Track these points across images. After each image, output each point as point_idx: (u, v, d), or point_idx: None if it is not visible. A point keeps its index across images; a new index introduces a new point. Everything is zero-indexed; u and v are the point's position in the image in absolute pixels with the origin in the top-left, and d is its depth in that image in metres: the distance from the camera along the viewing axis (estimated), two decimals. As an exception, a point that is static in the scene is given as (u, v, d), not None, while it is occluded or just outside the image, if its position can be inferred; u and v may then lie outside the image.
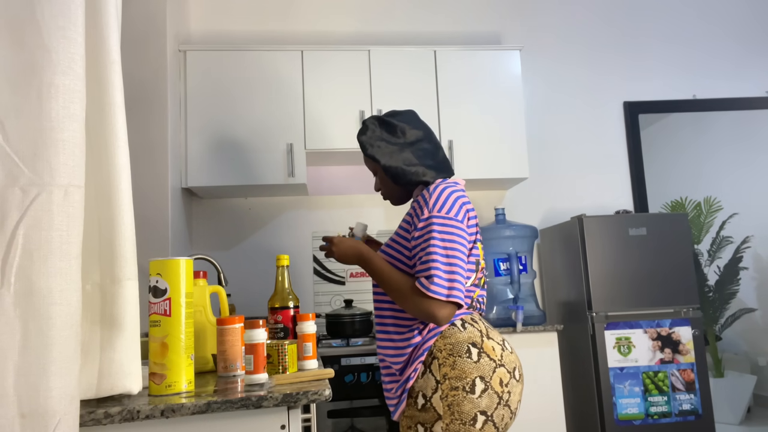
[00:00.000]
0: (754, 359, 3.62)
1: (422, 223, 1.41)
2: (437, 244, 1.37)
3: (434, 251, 1.36)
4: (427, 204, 1.42)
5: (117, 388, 1.10)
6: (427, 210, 1.42)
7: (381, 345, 1.51)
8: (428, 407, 1.35)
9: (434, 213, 1.40)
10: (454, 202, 1.43)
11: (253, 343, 1.27)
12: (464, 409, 1.33)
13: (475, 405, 1.33)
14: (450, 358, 1.37)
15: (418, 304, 1.35)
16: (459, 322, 1.43)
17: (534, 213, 3.44)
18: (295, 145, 2.90)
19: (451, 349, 1.38)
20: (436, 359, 1.38)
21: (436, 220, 1.39)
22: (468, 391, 1.34)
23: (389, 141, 1.58)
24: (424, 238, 1.39)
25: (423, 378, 1.38)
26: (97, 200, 1.12)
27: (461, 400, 1.33)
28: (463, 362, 1.36)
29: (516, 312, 2.72)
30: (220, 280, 2.46)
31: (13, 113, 0.95)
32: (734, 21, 3.79)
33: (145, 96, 2.67)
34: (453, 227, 1.39)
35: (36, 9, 0.97)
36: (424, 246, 1.38)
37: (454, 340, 1.39)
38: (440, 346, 1.39)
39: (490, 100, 3.10)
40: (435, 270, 1.34)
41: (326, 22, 3.42)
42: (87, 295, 1.10)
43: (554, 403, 2.71)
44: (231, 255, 3.17)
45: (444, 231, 1.38)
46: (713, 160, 3.68)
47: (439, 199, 1.43)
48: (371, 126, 1.61)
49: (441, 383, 1.35)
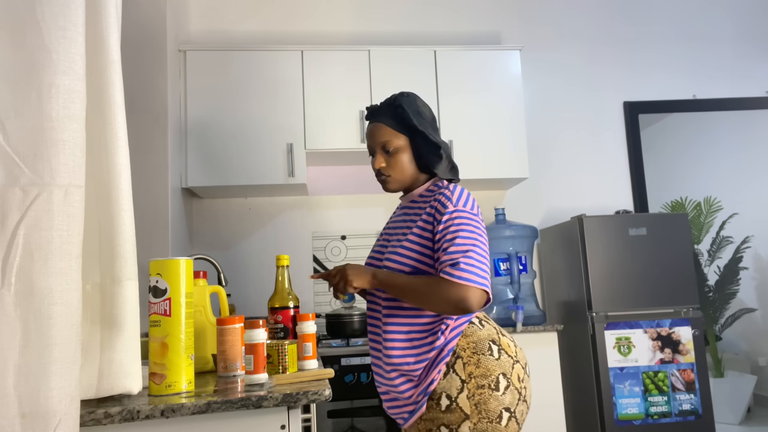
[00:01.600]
0: (754, 359, 3.62)
1: (446, 216, 1.37)
2: (464, 235, 1.34)
3: (461, 242, 1.33)
4: (450, 200, 1.40)
5: (117, 388, 1.10)
6: (451, 205, 1.39)
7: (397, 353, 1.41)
8: (454, 408, 1.33)
9: (459, 207, 1.38)
10: (474, 202, 1.43)
11: (253, 343, 1.27)
12: (490, 407, 1.32)
13: (500, 402, 1.33)
14: (474, 356, 1.36)
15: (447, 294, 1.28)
16: (476, 320, 1.42)
17: (534, 213, 3.44)
18: (295, 145, 2.90)
19: (475, 348, 1.37)
20: (460, 358, 1.36)
21: (462, 214, 1.37)
22: (493, 389, 1.33)
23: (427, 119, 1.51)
24: (449, 231, 1.36)
25: (446, 379, 1.36)
26: (97, 200, 1.12)
27: (487, 398, 1.32)
28: (486, 360, 1.36)
29: (516, 312, 2.72)
30: (220, 280, 2.46)
31: (13, 113, 0.95)
32: (734, 21, 3.79)
33: (145, 96, 2.67)
34: (478, 223, 1.38)
35: (36, 9, 0.98)
36: (450, 238, 1.35)
37: (476, 339, 1.38)
38: (463, 345, 1.38)
39: (490, 100, 3.10)
40: (463, 257, 1.31)
41: (326, 22, 3.42)
42: (87, 295, 1.10)
43: (554, 403, 2.71)
44: (231, 255, 3.17)
45: (470, 224, 1.36)
46: (713, 160, 3.68)
47: (461, 196, 1.41)
48: (411, 96, 1.51)
49: (467, 382, 1.34)
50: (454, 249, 1.32)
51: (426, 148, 1.48)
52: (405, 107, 1.47)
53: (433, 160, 1.48)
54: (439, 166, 1.49)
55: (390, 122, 1.48)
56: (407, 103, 1.48)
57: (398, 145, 1.48)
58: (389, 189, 1.53)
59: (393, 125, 1.48)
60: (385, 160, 1.50)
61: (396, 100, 1.49)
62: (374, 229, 3.29)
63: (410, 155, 1.49)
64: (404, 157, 1.49)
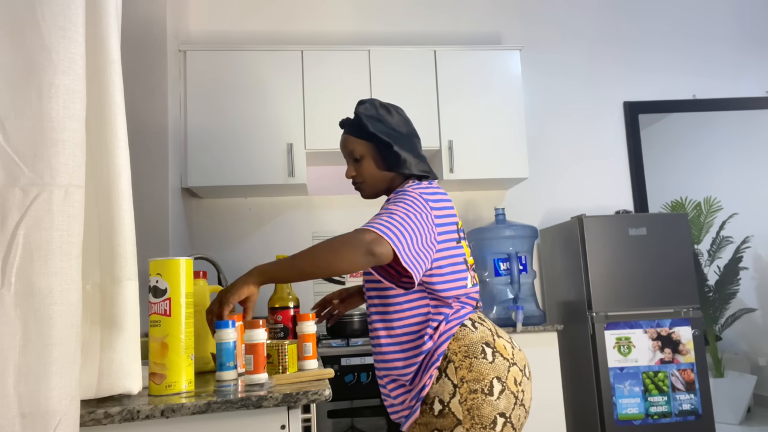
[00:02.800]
0: (754, 359, 3.62)
1: (393, 195, 1.40)
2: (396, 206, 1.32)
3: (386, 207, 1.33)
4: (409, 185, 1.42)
5: (117, 388, 1.10)
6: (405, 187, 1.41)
7: (385, 358, 1.41)
8: (446, 413, 1.30)
9: (406, 189, 1.39)
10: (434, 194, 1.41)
11: (253, 343, 1.27)
12: (484, 413, 1.29)
13: (494, 407, 1.30)
14: (466, 360, 1.33)
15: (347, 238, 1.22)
16: (469, 322, 1.39)
17: (534, 213, 3.44)
18: (295, 145, 2.90)
19: (467, 351, 1.34)
20: (452, 362, 1.34)
21: (407, 191, 1.38)
22: (487, 393, 1.30)
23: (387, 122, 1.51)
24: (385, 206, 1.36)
25: (438, 383, 1.33)
26: (97, 200, 1.12)
27: (480, 403, 1.29)
28: (479, 363, 1.33)
29: (516, 312, 2.72)
30: (220, 280, 2.46)
31: (13, 113, 0.95)
32: (734, 21, 3.79)
33: (145, 96, 2.67)
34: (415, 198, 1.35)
35: (36, 9, 0.97)
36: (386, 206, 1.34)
37: (468, 341, 1.35)
38: (455, 348, 1.35)
39: (490, 100, 3.10)
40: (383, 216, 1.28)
41: (326, 22, 3.42)
42: (87, 295, 1.10)
43: (554, 403, 2.71)
44: (231, 255, 3.17)
45: (407, 200, 1.34)
46: (713, 160, 3.68)
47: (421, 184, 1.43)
48: (369, 103, 1.53)
49: (459, 387, 1.31)
50: (382, 211, 1.32)
51: (383, 149, 1.48)
52: (360, 114, 1.50)
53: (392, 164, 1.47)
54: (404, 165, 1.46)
55: (352, 131, 1.51)
56: (363, 109, 1.51)
57: (361, 152, 1.50)
58: (365, 196, 1.55)
59: (354, 133, 1.50)
60: (355, 168, 1.52)
61: (355, 108, 1.53)
62: (374, 229, 3.28)
63: (374, 160, 1.50)
64: (369, 163, 1.50)
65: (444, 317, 1.38)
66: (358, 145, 1.50)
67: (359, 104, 1.53)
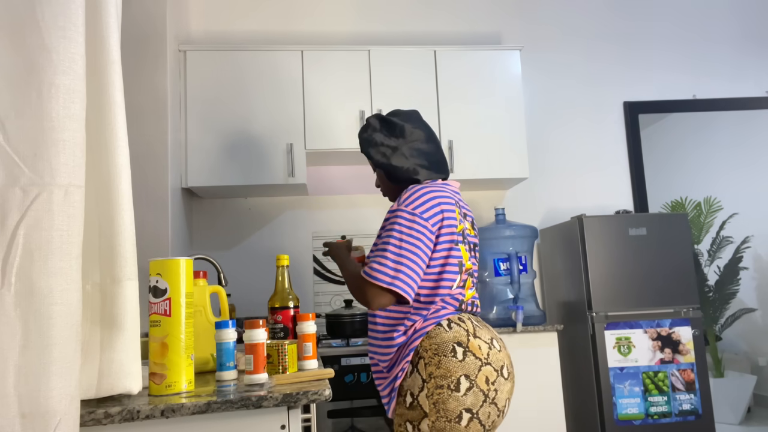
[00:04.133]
0: (754, 359, 3.62)
1: (388, 214, 1.51)
2: (394, 235, 1.45)
3: (388, 241, 1.45)
4: (399, 199, 1.52)
5: (117, 388, 1.10)
6: (396, 204, 1.51)
7: (371, 344, 1.56)
8: (415, 405, 1.39)
9: (401, 207, 1.49)
10: (427, 201, 1.49)
11: (253, 343, 1.27)
12: (449, 407, 1.36)
13: (460, 403, 1.36)
14: (435, 357, 1.40)
15: (361, 288, 1.44)
16: (445, 322, 1.46)
17: (534, 213, 3.44)
18: (295, 145, 2.90)
19: (437, 349, 1.41)
20: (422, 359, 1.42)
21: (400, 213, 1.48)
22: (453, 389, 1.36)
23: (387, 139, 1.65)
24: (384, 228, 1.49)
25: (411, 377, 1.42)
26: (97, 200, 1.12)
27: (446, 397, 1.36)
28: (448, 361, 1.39)
29: (516, 312, 2.72)
30: (220, 280, 2.46)
31: (13, 113, 0.95)
32: (734, 21, 3.79)
33: (145, 96, 2.67)
34: (416, 223, 1.46)
35: (36, 9, 0.97)
36: (381, 235, 1.48)
37: (439, 340, 1.42)
38: (426, 346, 1.43)
39: (490, 100, 3.10)
40: (381, 258, 1.43)
41: (326, 22, 3.42)
42: (87, 295, 1.10)
43: (554, 403, 2.71)
44: (231, 255, 3.17)
45: (404, 225, 1.46)
46: (713, 160, 3.68)
47: (411, 196, 1.51)
48: (372, 124, 1.68)
49: (427, 382, 1.39)
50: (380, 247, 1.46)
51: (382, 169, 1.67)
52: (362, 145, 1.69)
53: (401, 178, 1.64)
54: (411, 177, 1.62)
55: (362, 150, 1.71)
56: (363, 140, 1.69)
57: (373, 167, 1.71)
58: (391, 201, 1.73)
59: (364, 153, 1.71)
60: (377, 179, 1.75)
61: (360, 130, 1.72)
62: (374, 229, 3.28)
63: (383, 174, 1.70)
64: (381, 177, 1.71)
65: (422, 317, 1.47)
66: (369, 163, 1.72)
67: (361, 131, 1.71)
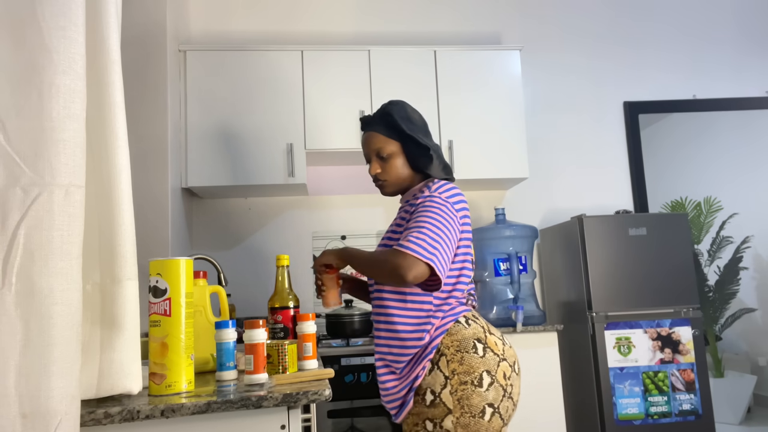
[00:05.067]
0: (754, 359, 3.62)
1: (420, 200, 1.47)
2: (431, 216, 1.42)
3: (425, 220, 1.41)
4: (429, 189, 1.50)
5: (117, 388, 1.10)
6: (428, 192, 1.48)
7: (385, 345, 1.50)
8: (437, 403, 1.38)
9: (434, 194, 1.47)
10: (456, 196, 1.51)
11: (253, 343, 1.27)
12: (473, 402, 1.37)
13: (483, 398, 1.38)
14: (458, 354, 1.41)
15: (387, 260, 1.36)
16: (463, 319, 1.47)
17: (534, 213, 3.44)
18: (295, 145, 2.90)
19: (458, 346, 1.42)
20: (444, 356, 1.42)
21: (436, 199, 1.46)
22: (476, 385, 1.38)
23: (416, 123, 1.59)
24: (418, 212, 1.45)
25: (431, 375, 1.41)
26: (97, 200, 1.12)
27: (470, 393, 1.37)
28: (470, 358, 1.40)
29: (516, 312, 2.72)
30: (220, 280, 2.46)
31: (13, 113, 0.95)
32: (735, 21, 3.79)
33: (145, 96, 2.67)
34: (446, 207, 1.45)
35: (36, 9, 0.98)
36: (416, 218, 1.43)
37: (460, 337, 1.43)
38: (447, 343, 1.43)
39: (490, 100, 3.10)
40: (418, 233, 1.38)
41: (326, 22, 3.42)
42: (87, 295, 1.10)
43: (554, 403, 2.71)
44: (231, 255, 3.17)
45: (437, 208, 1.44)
46: (713, 160, 3.68)
47: (442, 187, 1.51)
48: (399, 104, 1.60)
49: (450, 378, 1.39)
50: (413, 226, 1.41)
51: (417, 151, 1.55)
52: (394, 114, 1.55)
53: (425, 162, 1.55)
54: (431, 167, 1.56)
55: (382, 129, 1.57)
56: (396, 110, 1.57)
57: (391, 150, 1.56)
58: (386, 193, 1.63)
59: (384, 132, 1.56)
60: (380, 165, 1.58)
61: (386, 108, 1.58)
62: (374, 229, 3.29)
63: (403, 159, 1.57)
64: (398, 162, 1.57)
65: (443, 313, 1.47)
66: (388, 144, 1.56)
67: (390, 104, 1.59)
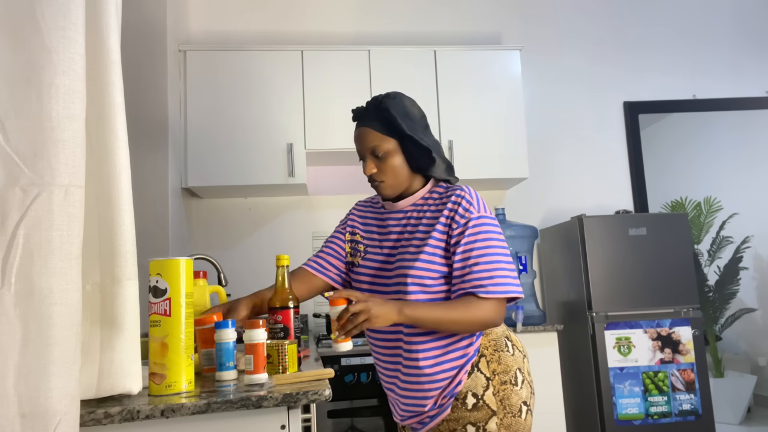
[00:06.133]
0: (754, 359, 3.62)
1: (473, 222, 1.34)
2: (495, 245, 1.34)
3: (494, 252, 1.33)
4: (472, 204, 1.36)
5: (117, 388, 1.10)
6: (475, 211, 1.35)
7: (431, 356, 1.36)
8: (481, 405, 1.34)
9: (484, 215, 1.36)
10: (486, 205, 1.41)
11: (253, 343, 1.27)
12: (513, 402, 1.35)
13: (519, 397, 1.36)
14: (495, 353, 1.38)
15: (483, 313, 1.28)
16: None
17: (534, 213, 3.43)
18: (295, 145, 2.90)
19: (495, 345, 1.39)
20: (484, 357, 1.38)
21: (486, 220, 1.36)
22: (513, 384, 1.37)
23: (417, 120, 1.43)
24: (478, 239, 1.33)
25: (470, 378, 1.36)
26: (97, 200, 1.12)
27: (510, 393, 1.35)
28: (505, 356, 1.39)
29: (516, 312, 2.72)
30: (220, 280, 2.46)
31: (13, 113, 0.95)
32: (734, 21, 3.79)
33: (145, 96, 2.67)
34: (500, 228, 1.39)
35: (36, 9, 0.97)
36: (481, 248, 1.32)
37: (494, 336, 1.41)
38: (485, 344, 1.39)
39: (490, 100, 3.10)
40: (500, 270, 1.31)
41: (326, 22, 3.42)
42: (87, 295, 1.10)
43: (554, 403, 2.71)
44: (231, 255, 3.16)
45: (496, 232, 1.36)
46: (713, 160, 3.68)
47: (479, 201, 1.39)
48: (397, 97, 1.42)
49: (491, 379, 1.36)
50: (489, 260, 1.31)
51: (417, 152, 1.40)
52: (392, 111, 1.39)
53: (426, 164, 1.42)
54: (433, 168, 1.43)
55: (377, 126, 1.39)
56: (393, 105, 1.40)
57: (388, 149, 1.40)
58: (385, 195, 1.46)
59: (381, 129, 1.39)
60: (376, 165, 1.42)
61: (382, 103, 1.41)
62: (374, 229, 3.28)
63: (402, 158, 1.41)
64: (396, 161, 1.41)
65: None
66: (385, 142, 1.39)
67: (387, 98, 1.42)
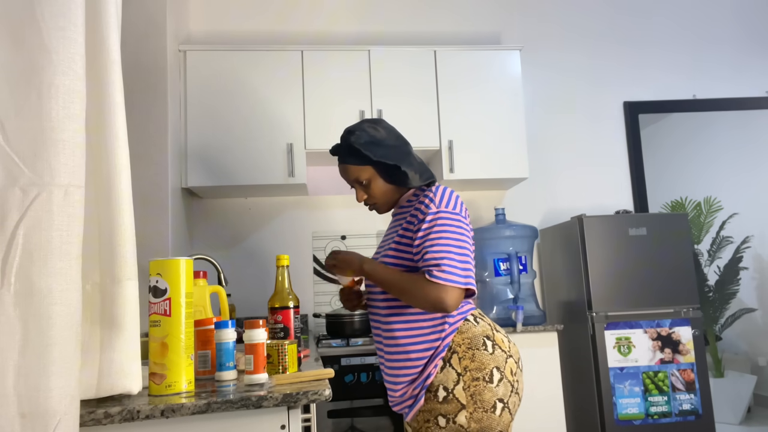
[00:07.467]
0: (754, 359, 3.62)
1: (430, 216, 1.45)
2: (448, 236, 1.42)
3: (445, 242, 1.41)
4: (433, 201, 1.47)
5: (117, 388, 1.10)
6: (434, 206, 1.46)
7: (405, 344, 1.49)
8: (450, 399, 1.42)
9: (441, 209, 1.46)
10: (457, 201, 1.50)
11: (253, 343, 1.27)
12: (485, 398, 1.41)
13: (494, 393, 1.42)
14: (469, 351, 1.45)
15: (427, 294, 1.37)
16: (471, 317, 1.50)
17: (534, 213, 3.43)
18: (295, 145, 2.90)
19: (470, 343, 1.46)
20: (456, 353, 1.45)
21: (444, 215, 1.45)
22: (487, 381, 1.42)
23: (381, 140, 1.56)
24: (432, 231, 1.43)
25: (443, 372, 1.44)
26: (97, 200, 1.12)
27: (482, 389, 1.42)
28: (481, 354, 1.44)
29: (516, 312, 2.72)
30: (220, 280, 2.46)
31: (13, 113, 0.95)
32: (735, 21, 3.79)
33: (144, 96, 2.67)
34: (459, 221, 1.46)
35: (36, 9, 0.97)
36: (434, 238, 1.42)
37: (470, 335, 1.47)
38: (458, 341, 1.46)
39: (490, 100, 3.10)
40: (447, 259, 1.39)
41: (326, 22, 3.42)
42: (87, 295, 1.10)
43: (554, 403, 2.71)
44: (231, 255, 3.16)
45: (453, 225, 1.44)
46: (713, 160, 3.68)
47: (443, 197, 1.48)
48: (358, 130, 1.56)
49: (462, 375, 1.43)
50: (437, 249, 1.41)
51: (388, 173, 1.55)
52: (355, 144, 1.54)
53: (401, 179, 1.55)
54: (408, 181, 1.55)
55: (351, 159, 1.56)
56: (356, 139, 1.55)
57: (368, 177, 1.56)
58: (381, 212, 1.65)
59: (355, 161, 1.55)
60: (365, 191, 1.59)
61: (347, 139, 1.56)
62: (374, 228, 3.28)
63: (382, 180, 1.58)
64: (378, 183, 1.57)
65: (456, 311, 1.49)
66: (362, 171, 1.56)
67: (349, 134, 1.56)
